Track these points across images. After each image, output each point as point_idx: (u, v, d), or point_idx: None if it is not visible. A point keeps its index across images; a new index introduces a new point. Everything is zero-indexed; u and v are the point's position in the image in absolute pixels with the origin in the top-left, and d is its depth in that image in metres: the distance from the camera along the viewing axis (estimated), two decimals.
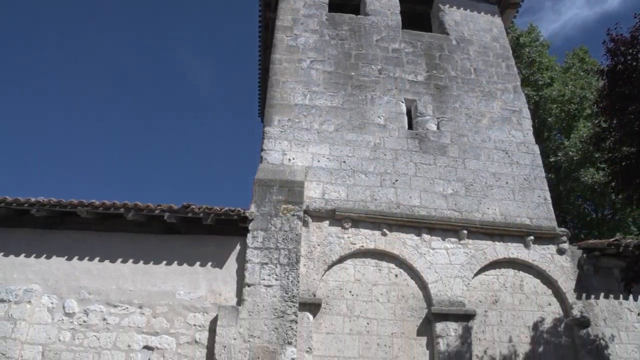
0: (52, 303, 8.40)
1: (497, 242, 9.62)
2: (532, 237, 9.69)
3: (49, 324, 8.26)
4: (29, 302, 8.27)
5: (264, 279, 8.33)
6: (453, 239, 9.50)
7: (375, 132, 10.59)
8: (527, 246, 9.65)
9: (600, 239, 10.97)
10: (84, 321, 8.25)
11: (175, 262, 8.63)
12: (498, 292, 9.29)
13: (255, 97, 22.14)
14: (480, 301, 9.14)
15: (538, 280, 9.54)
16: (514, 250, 9.61)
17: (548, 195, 10.41)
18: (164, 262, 8.64)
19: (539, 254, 9.64)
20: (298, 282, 8.37)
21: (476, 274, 9.31)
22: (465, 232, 9.51)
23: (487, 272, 9.43)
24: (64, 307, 8.36)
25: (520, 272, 9.57)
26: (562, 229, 10.04)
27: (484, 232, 9.63)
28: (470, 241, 9.53)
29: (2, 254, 8.76)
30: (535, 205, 10.19)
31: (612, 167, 8.48)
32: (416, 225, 9.47)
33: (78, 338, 8.13)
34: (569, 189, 15.81)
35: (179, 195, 35.89)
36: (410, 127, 10.96)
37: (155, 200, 8.73)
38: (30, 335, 8.15)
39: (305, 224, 9.14)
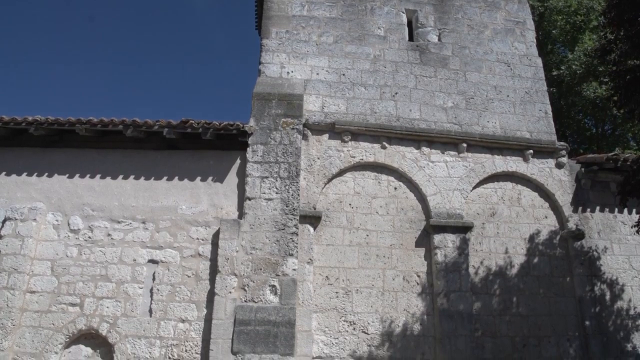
0: (57, 220, 8.55)
1: (496, 156, 9.65)
2: (531, 151, 9.70)
3: (55, 240, 8.44)
4: (35, 220, 8.41)
5: (264, 193, 8.42)
6: (452, 152, 9.52)
7: (375, 44, 10.31)
8: (526, 160, 9.69)
9: (599, 154, 10.96)
10: (89, 237, 8.43)
11: (176, 178, 8.69)
12: (496, 205, 9.42)
13: (252, 8, 21.36)
14: (478, 214, 9.29)
15: (536, 194, 9.65)
16: (513, 163, 9.65)
17: (549, 109, 10.30)
18: (165, 177, 8.71)
19: (537, 168, 9.69)
20: (298, 195, 8.46)
21: (475, 187, 9.41)
22: (464, 145, 9.51)
23: (485, 185, 9.52)
24: (68, 224, 8.51)
25: (519, 185, 9.66)
26: (562, 143, 10.02)
27: (483, 145, 9.64)
28: (470, 154, 9.55)
29: (4, 173, 8.83)
30: (535, 119, 10.11)
31: (615, 80, 8.32)
32: (416, 139, 9.45)
33: (84, 253, 8.34)
34: (570, 103, 15.59)
35: (178, 112, 35.48)
36: (410, 38, 10.67)
37: (153, 117, 8.68)
38: (39, 252, 8.36)
39: (305, 137, 9.12)
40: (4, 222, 8.45)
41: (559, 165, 9.78)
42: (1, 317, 7.86)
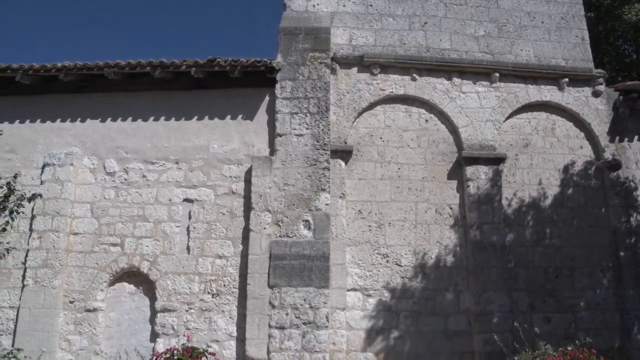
0: (93, 164, 8.74)
1: (529, 85, 9.38)
2: (566, 80, 9.39)
3: (92, 183, 8.66)
4: (72, 164, 8.62)
5: (294, 129, 8.41)
6: (484, 83, 9.28)
7: None
8: (561, 89, 9.39)
9: (639, 81, 10.52)
10: (125, 179, 8.61)
11: (207, 117, 8.73)
12: (529, 136, 9.23)
13: None
14: (511, 145, 9.13)
15: (571, 124, 9.41)
16: (547, 93, 9.38)
17: (586, 34, 9.87)
18: (195, 117, 8.75)
19: (573, 97, 9.40)
20: (329, 130, 8.43)
21: (507, 118, 9.21)
22: (497, 75, 9.25)
23: (518, 116, 9.32)
24: (104, 167, 8.70)
25: (553, 115, 9.42)
26: (599, 70, 9.66)
27: (516, 74, 9.35)
28: (502, 84, 9.30)
29: (39, 120, 9.00)
30: (571, 46, 9.72)
31: None
32: (446, 69, 9.22)
33: (121, 195, 8.56)
34: (609, 28, 14.80)
35: (204, 51, 34.95)
36: None
37: (180, 57, 8.64)
38: (78, 195, 8.60)
39: (333, 71, 8.98)
40: (43, 167, 8.70)
41: (596, 94, 9.47)
42: (50, 258, 8.22)
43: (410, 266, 8.40)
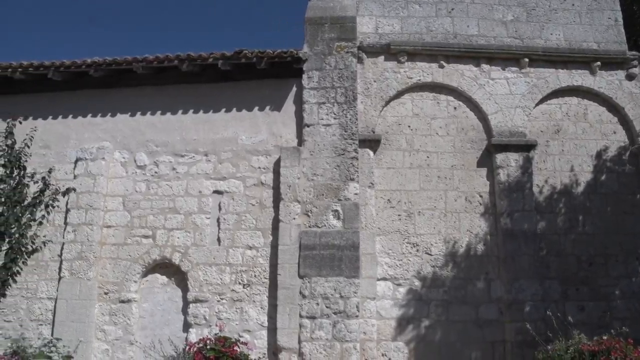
0: (124, 158, 8.88)
1: (560, 70, 9.18)
2: (598, 63, 9.17)
3: (124, 177, 8.81)
4: (103, 158, 8.77)
5: (322, 119, 8.40)
6: (514, 68, 9.12)
7: None
8: (593, 73, 9.18)
9: None
10: (155, 172, 8.73)
11: (234, 109, 8.78)
12: (560, 122, 9.06)
13: None
14: (541, 131, 8.98)
15: (603, 108, 9.20)
16: (579, 77, 9.17)
17: (619, 16, 9.60)
18: (223, 109, 8.81)
19: (605, 81, 9.18)
20: (356, 119, 8.41)
21: (538, 104, 9.05)
22: (526, 60, 9.07)
23: (549, 102, 9.14)
24: (135, 161, 8.83)
25: (585, 100, 9.22)
26: (633, 52, 9.38)
27: (546, 59, 9.16)
28: (532, 70, 9.12)
29: (70, 116, 9.18)
30: (604, 28, 9.48)
31: None
32: (474, 56, 9.08)
33: (152, 188, 8.68)
34: None
35: (229, 43, 35.05)
36: None
37: (205, 50, 8.69)
38: (110, 188, 8.76)
39: (360, 60, 8.92)
40: (76, 162, 8.87)
41: (630, 77, 9.23)
42: (84, 251, 8.40)
43: (440, 255, 8.36)
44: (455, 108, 9.01)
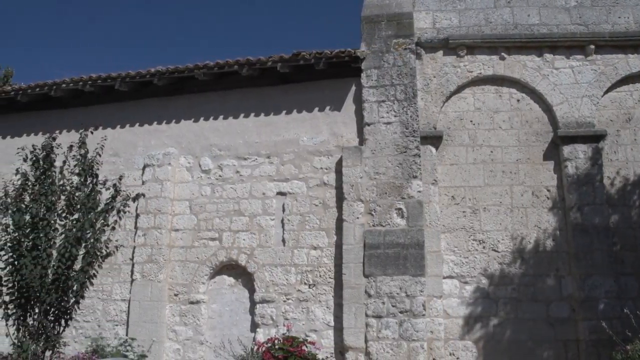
0: (189, 163, 9.14)
1: (630, 55, 8.71)
2: None
3: (189, 181, 9.07)
4: (169, 164, 9.07)
5: (382, 117, 8.37)
6: (579, 56, 8.75)
7: None
8: None
9: None
10: (220, 176, 8.94)
11: (295, 110, 8.88)
12: (631, 109, 8.64)
13: None
14: (611, 120, 8.59)
15: None
16: None
17: None
18: (284, 111, 8.92)
19: None
20: (417, 116, 8.32)
21: (606, 92, 8.64)
22: (592, 47, 8.67)
23: (618, 89, 8.71)
24: (200, 165, 9.08)
25: None
26: None
27: (614, 45, 8.72)
28: (599, 56, 8.72)
29: (137, 124, 9.55)
30: None
31: None
32: (537, 46, 8.76)
33: (217, 191, 8.89)
34: None
35: (283, 45, 35.49)
36: None
37: (261, 54, 8.83)
38: (177, 193, 9.05)
39: (419, 56, 8.81)
40: (143, 168, 9.22)
41: None
42: (154, 254, 8.71)
43: (507, 252, 8.15)
44: (518, 100, 8.75)
